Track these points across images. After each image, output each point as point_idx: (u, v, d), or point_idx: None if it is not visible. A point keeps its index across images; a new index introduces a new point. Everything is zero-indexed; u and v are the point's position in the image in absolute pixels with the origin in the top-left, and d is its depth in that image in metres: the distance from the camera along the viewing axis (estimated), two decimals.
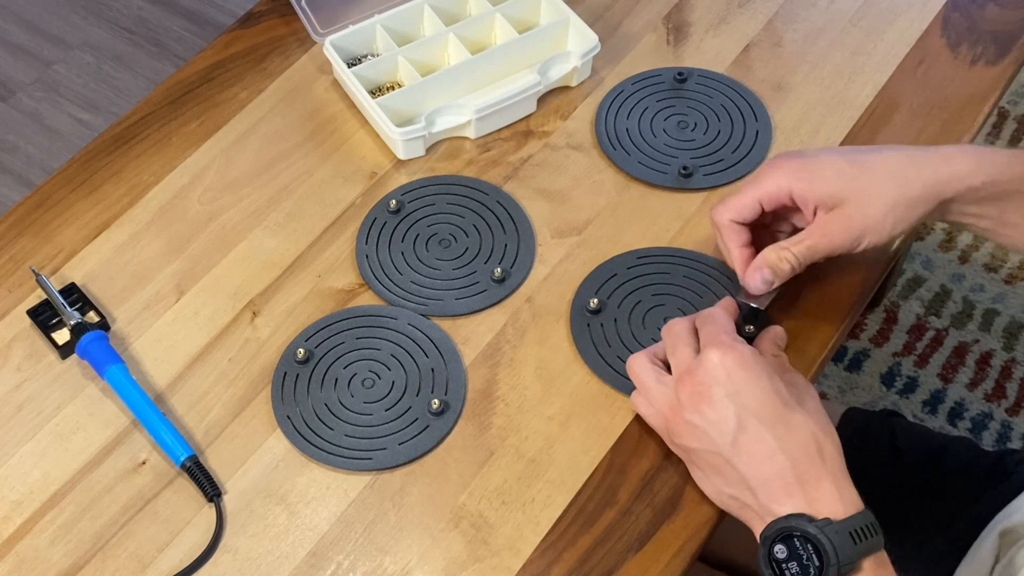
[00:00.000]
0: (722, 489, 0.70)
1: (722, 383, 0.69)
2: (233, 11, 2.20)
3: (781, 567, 0.66)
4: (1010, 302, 1.75)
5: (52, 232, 0.89)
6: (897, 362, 1.69)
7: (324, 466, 0.76)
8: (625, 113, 0.94)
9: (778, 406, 0.69)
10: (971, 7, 1.02)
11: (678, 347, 0.73)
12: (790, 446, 0.67)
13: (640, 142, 0.92)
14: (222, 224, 0.89)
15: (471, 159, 0.93)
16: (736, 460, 0.68)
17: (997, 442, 1.61)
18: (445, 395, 0.79)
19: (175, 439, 0.76)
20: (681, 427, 0.71)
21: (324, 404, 0.79)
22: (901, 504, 0.95)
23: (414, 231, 0.88)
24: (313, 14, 0.99)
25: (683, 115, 0.94)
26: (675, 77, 0.96)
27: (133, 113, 0.96)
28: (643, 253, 0.85)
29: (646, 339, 0.81)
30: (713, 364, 0.69)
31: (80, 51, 2.16)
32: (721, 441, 0.68)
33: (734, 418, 0.68)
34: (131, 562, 0.73)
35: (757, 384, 0.69)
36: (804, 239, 0.77)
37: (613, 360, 0.80)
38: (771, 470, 0.67)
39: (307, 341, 0.82)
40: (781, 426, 0.68)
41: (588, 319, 0.82)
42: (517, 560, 0.72)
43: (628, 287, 0.83)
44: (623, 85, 0.96)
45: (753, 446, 0.68)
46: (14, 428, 0.79)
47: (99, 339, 0.80)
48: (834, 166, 0.76)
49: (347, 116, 0.96)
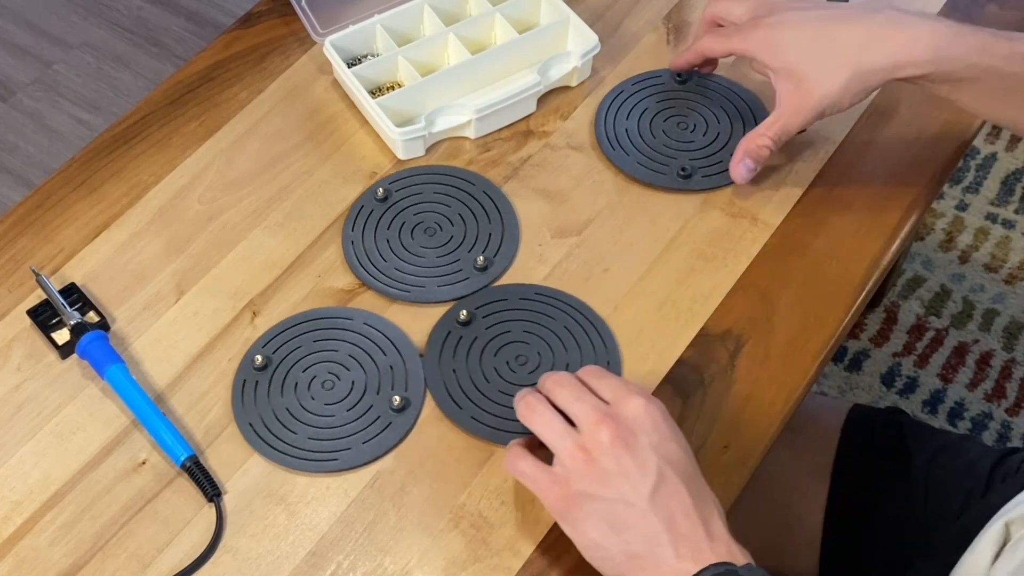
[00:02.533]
0: (623, 547, 0.65)
1: (647, 431, 0.67)
2: (233, 11, 2.20)
3: None
4: (1010, 302, 1.75)
5: (52, 232, 0.89)
6: (897, 362, 1.69)
7: (288, 470, 0.76)
8: (625, 114, 0.94)
9: (690, 464, 0.67)
10: (971, 7, 1.02)
11: (582, 395, 0.69)
12: (701, 505, 0.66)
13: (639, 143, 0.92)
14: (222, 224, 0.89)
15: (471, 159, 0.93)
16: (651, 513, 0.65)
17: (997, 442, 1.61)
18: (405, 391, 0.79)
19: (175, 439, 0.76)
20: (596, 474, 0.66)
21: (285, 409, 0.78)
22: (907, 501, 0.95)
23: (400, 219, 0.89)
24: (313, 14, 0.99)
25: (683, 116, 0.94)
26: (675, 78, 0.96)
27: (133, 113, 0.96)
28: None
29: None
30: (638, 411, 0.67)
31: (80, 51, 2.16)
32: (640, 492, 0.65)
33: (655, 469, 0.65)
34: (131, 562, 0.73)
35: (674, 439, 0.67)
36: (776, 121, 0.84)
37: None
38: (685, 527, 0.65)
39: (264, 347, 0.81)
40: (693, 484, 0.66)
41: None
42: (517, 560, 0.72)
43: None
44: (623, 86, 0.96)
45: (671, 500, 0.65)
46: (14, 428, 0.79)
47: (99, 339, 0.81)
48: (799, 43, 0.82)
49: (347, 116, 0.96)
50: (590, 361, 0.80)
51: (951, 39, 0.78)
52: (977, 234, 1.83)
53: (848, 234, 0.87)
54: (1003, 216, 1.85)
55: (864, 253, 0.86)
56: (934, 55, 0.78)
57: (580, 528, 0.67)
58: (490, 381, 0.79)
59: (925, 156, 0.92)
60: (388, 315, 0.83)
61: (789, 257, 0.86)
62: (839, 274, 0.85)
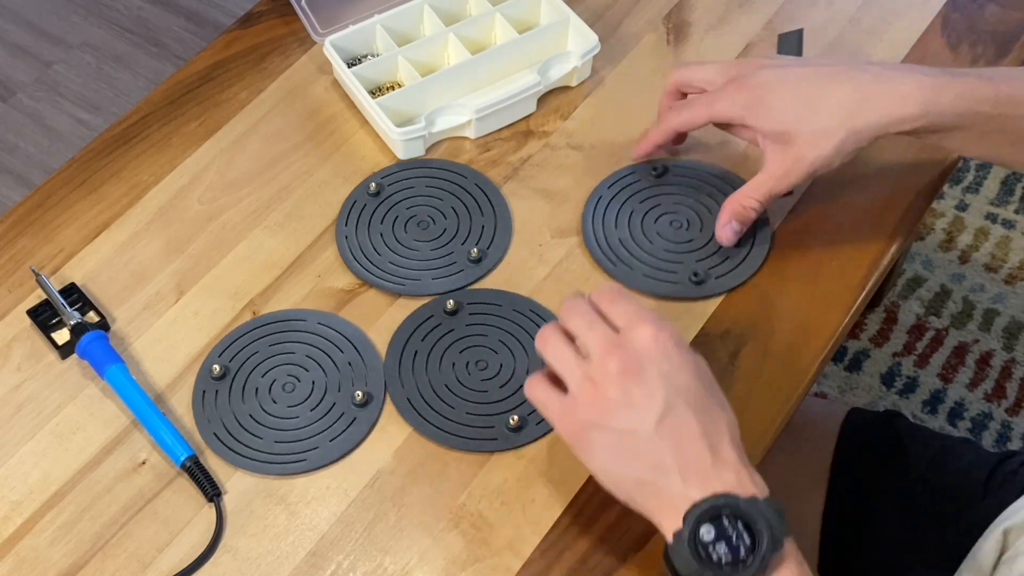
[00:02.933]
0: (631, 474, 0.66)
1: (655, 361, 0.66)
2: (233, 11, 2.20)
3: (707, 549, 0.63)
4: (1010, 302, 1.75)
5: (52, 232, 0.89)
6: (897, 362, 1.69)
7: (255, 475, 0.76)
8: (612, 221, 0.87)
9: (702, 391, 0.67)
10: (971, 7, 1.02)
11: (594, 324, 0.69)
12: (712, 432, 0.65)
13: (639, 252, 0.86)
14: (222, 224, 0.89)
15: (471, 159, 0.93)
16: (659, 441, 0.65)
17: (997, 442, 1.61)
18: (366, 386, 0.79)
19: (175, 439, 0.76)
20: (603, 404, 0.66)
21: (248, 415, 0.78)
22: (905, 505, 0.95)
23: (393, 213, 0.89)
24: (313, 14, 0.99)
25: (673, 213, 0.88)
26: (651, 172, 0.90)
27: (133, 113, 0.96)
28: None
29: None
30: (646, 341, 0.66)
31: (80, 51, 2.16)
32: (647, 420, 0.65)
33: (663, 398, 0.65)
34: (131, 562, 0.73)
35: (686, 367, 0.67)
36: (764, 183, 0.81)
37: None
38: (692, 454, 0.65)
39: (220, 356, 0.81)
40: (704, 412, 0.66)
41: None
42: (517, 560, 0.72)
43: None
44: (600, 190, 0.89)
45: (679, 428, 0.65)
46: (14, 428, 0.79)
47: (99, 339, 0.80)
48: (789, 104, 0.79)
49: (347, 116, 0.96)
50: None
51: (939, 91, 0.78)
52: (977, 234, 1.82)
53: (848, 234, 0.87)
54: (1003, 216, 1.85)
55: (864, 253, 0.86)
56: (924, 109, 0.77)
57: (590, 456, 0.68)
58: (444, 377, 0.80)
59: (925, 156, 0.92)
60: (388, 314, 0.83)
61: (789, 257, 0.86)
62: (839, 274, 0.85)
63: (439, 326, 0.82)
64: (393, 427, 0.78)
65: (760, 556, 0.62)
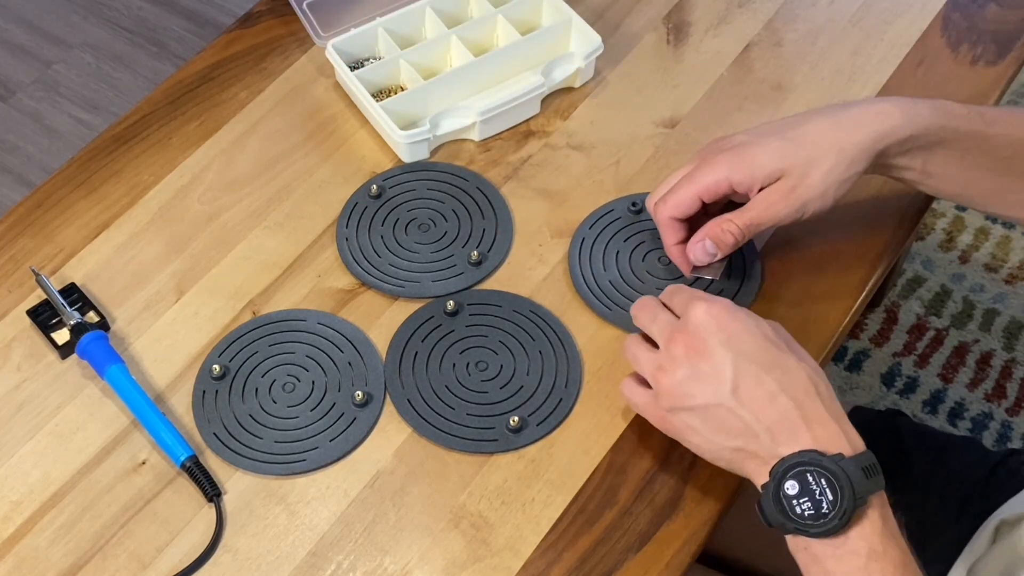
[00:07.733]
0: (725, 444, 0.68)
1: (714, 333, 0.68)
2: (233, 11, 2.20)
3: (792, 503, 0.65)
4: (1010, 302, 1.75)
5: (52, 232, 0.89)
6: (897, 362, 1.69)
7: (255, 475, 0.76)
8: (600, 264, 0.85)
9: (771, 350, 0.68)
10: (971, 7, 1.02)
11: (658, 315, 0.73)
12: (790, 388, 0.67)
13: (631, 293, 0.84)
14: (222, 224, 0.89)
15: (471, 159, 0.93)
16: (739, 408, 0.67)
17: (997, 442, 1.61)
18: (366, 386, 0.79)
19: (175, 439, 0.76)
20: (677, 388, 0.69)
21: (248, 415, 0.78)
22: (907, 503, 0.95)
23: (394, 215, 0.89)
24: (315, 17, 0.99)
25: (659, 250, 0.85)
26: (629, 209, 0.88)
27: (133, 113, 0.96)
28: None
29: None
30: (701, 317, 0.69)
31: (80, 51, 2.16)
32: (722, 391, 0.67)
33: (731, 366, 0.67)
34: (131, 562, 0.73)
35: (747, 330, 0.69)
36: (747, 211, 0.78)
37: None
38: (775, 413, 0.66)
39: (220, 356, 0.81)
40: (778, 369, 0.67)
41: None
42: (517, 560, 0.72)
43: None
44: (582, 231, 0.87)
45: (755, 391, 0.67)
46: (14, 428, 0.79)
47: (99, 339, 0.80)
48: (769, 148, 0.77)
49: (347, 116, 0.96)
50: (547, 384, 0.80)
51: (915, 104, 0.78)
52: (977, 234, 1.83)
53: (848, 234, 0.87)
54: None
55: (864, 253, 0.86)
56: (907, 119, 0.77)
57: (683, 438, 0.71)
58: (444, 378, 0.80)
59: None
60: (388, 314, 0.83)
61: (789, 257, 0.86)
62: (839, 274, 0.85)
63: (439, 327, 0.82)
64: (393, 427, 0.78)
65: (841, 511, 0.64)
